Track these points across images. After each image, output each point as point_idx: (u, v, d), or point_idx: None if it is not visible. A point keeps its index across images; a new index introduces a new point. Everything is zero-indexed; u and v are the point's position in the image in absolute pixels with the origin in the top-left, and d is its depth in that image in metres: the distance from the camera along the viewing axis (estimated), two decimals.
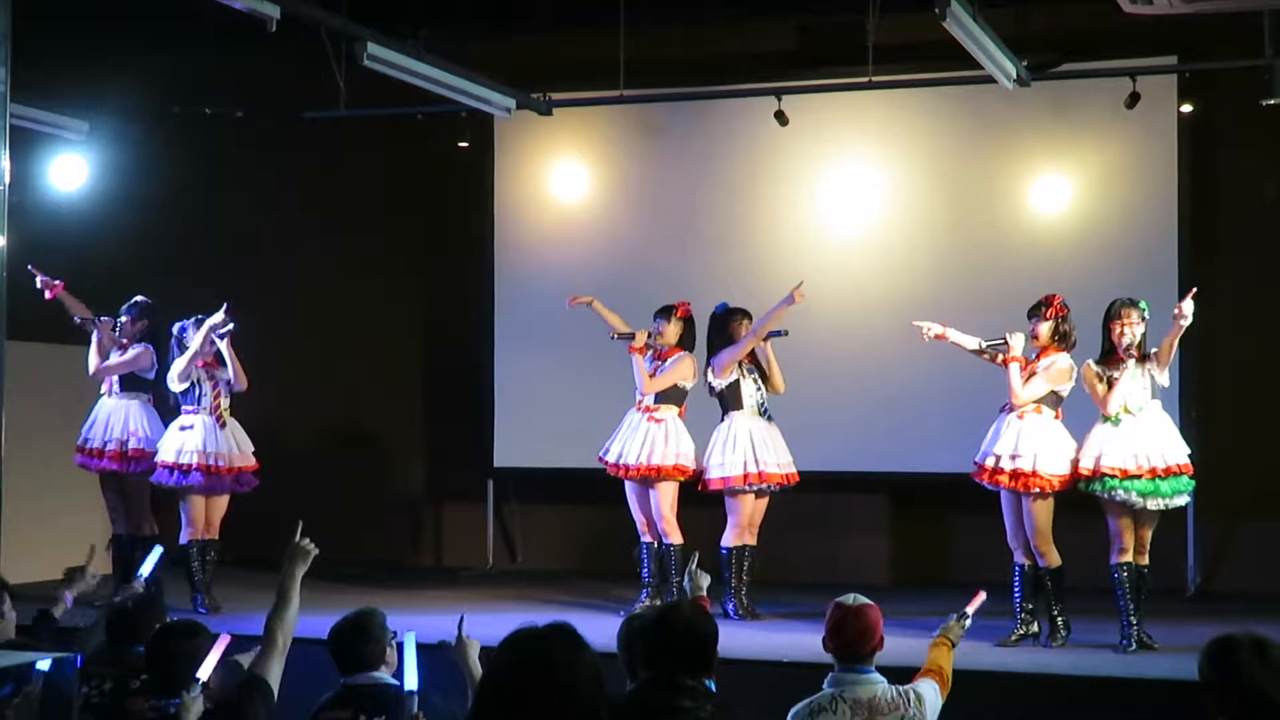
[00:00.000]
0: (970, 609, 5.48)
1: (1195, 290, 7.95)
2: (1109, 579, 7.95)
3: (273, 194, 12.17)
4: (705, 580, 5.64)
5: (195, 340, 9.24)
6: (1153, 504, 7.87)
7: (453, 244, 11.89)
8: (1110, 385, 7.89)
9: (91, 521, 10.87)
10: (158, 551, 7.15)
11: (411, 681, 4.47)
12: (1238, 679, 4.00)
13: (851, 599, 4.86)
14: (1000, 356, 8.22)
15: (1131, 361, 7.85)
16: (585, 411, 10.54)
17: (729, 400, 9.08)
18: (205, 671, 4.74)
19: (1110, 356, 7.95)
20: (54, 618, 6.44)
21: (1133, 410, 7.89)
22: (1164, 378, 7.95)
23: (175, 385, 9.36)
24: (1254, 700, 3.97)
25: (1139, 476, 7.79)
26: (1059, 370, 8.07)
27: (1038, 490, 7.96)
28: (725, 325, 9.11)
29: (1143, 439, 7.85)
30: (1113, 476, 7.79)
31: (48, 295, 9.59)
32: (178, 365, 9.31)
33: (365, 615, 5.18)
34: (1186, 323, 7.75)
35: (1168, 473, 7.84)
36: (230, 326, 9.33)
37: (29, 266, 9.48)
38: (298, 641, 5.08)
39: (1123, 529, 7.91)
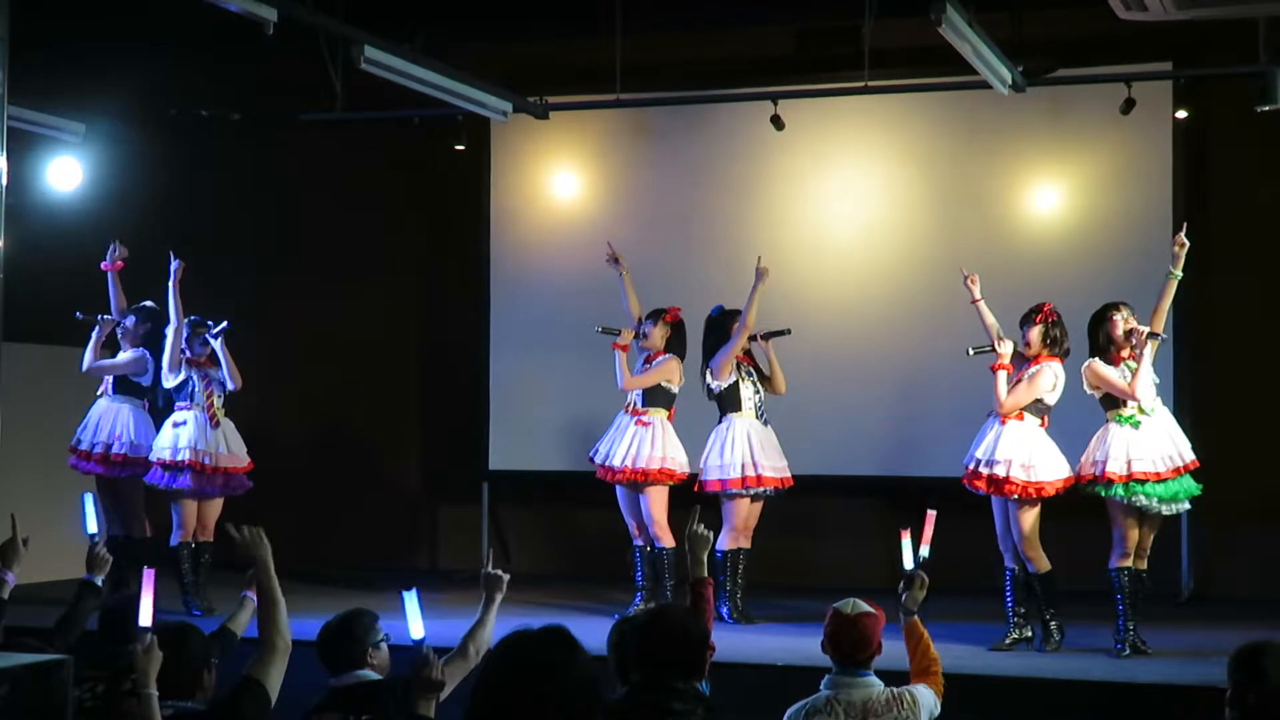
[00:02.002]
0: (924, 546, 5.29)
1: (1186, 225, 8.13)
2: (1105, 582, 7.96)
3: (269, 196, 12.17)
4: (704, 546, 5.22)
5: (170, 308, 9.27)
6: (1168, 510, 7.89)
7: (449, 247, 11.90)
8: (1131, 374, 7.87)
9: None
10: (88, 500, 7.00)
11: (418, 631, 4.52)
12: (1260, 680, 4.06)
13: (850, 606, 4.86)
14: (992, 362, 8.22)
15: (1148, 348, 7.85)
16: (580, 415, 10.55)
17: (728, 402, 9.09)
18: (146, 617, 4.71)
19: (1109, 353, 7.95)
20: (2, 600, 6.33)
21: (1147, 410, 7.90)
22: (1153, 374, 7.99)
23: (169, 380, 9.38)
24: (1271, 702, 4.01)
25: (1167, 479, 7.80)
26: (1041, 379, 8.07)
27: (1016, 496, 7.97)
28: (721, 328, 9.12)
29: (1165, 438, 7.88)
30: (1141, 481, 7.79)
31: (108, 265, 9.66)
32: (166, 354, 9.34)
33: (351, 616, 5.19)
34: (1184, 251, 7.96)
35: (1187, 469, 7.87)
36: (225, 325, 9.34)
37: (117, 241, 9.52)
38: (295, 644, 5.07)
39: (1128, 533, 7.91)
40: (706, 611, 4.96)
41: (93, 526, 6.83)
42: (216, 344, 9.32)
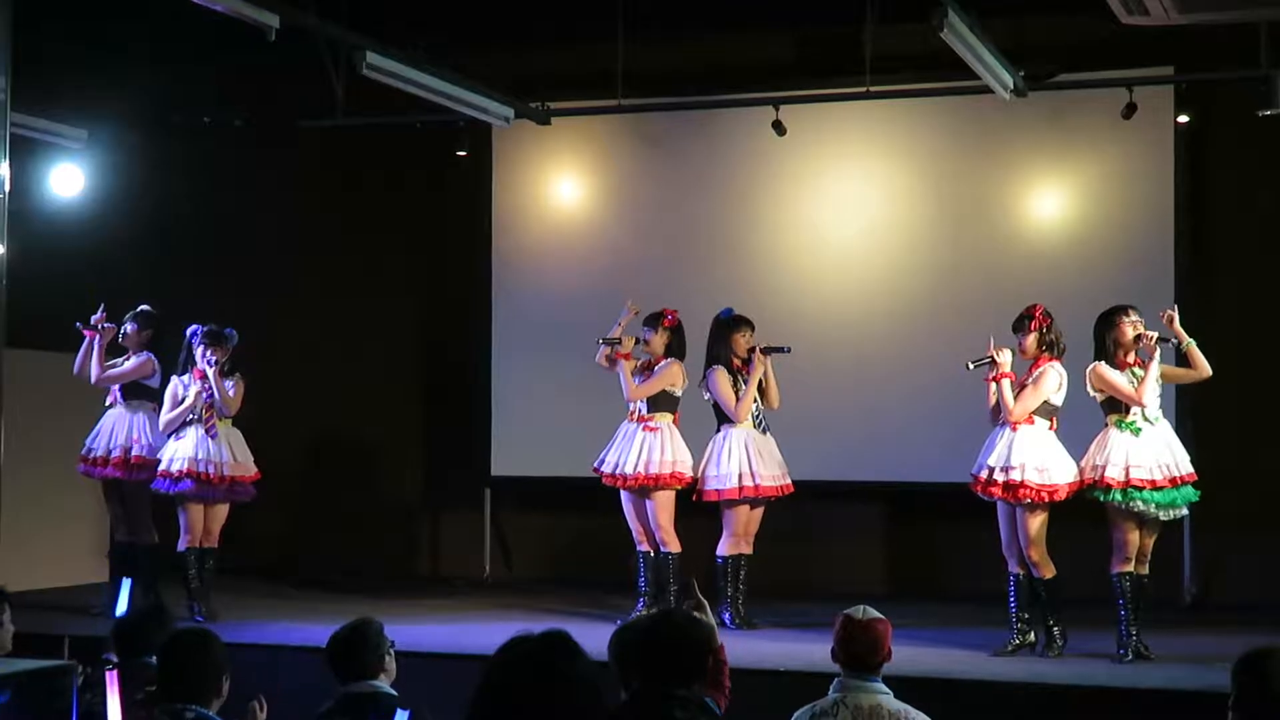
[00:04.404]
0: None
1: (1175, 309, 8.08)
2: (1108, 588, 7.95)
3: (270, 202, 12.17)
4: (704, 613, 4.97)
5: (186, 400, 9.28)
6: (1165, 515, 7.88)
7: (450, 253, 11.90)
8: (1138, 381, 7.86)
9: (90, 530, 10.90)
10: (126, 586, 6.82)
11: None
12: (1263, 685, 4.07)
13: (861, 612, 4.88)
14: (992, 373, 8.18)
15: (1158, 353, 7.84)
16: (582, 420, 10.53)
17: (724, 413, 9.09)
18: (116, 717, 4.68)
19: (1115, 357, 7.93)
20: None
21: (1151, 419, 7.89)
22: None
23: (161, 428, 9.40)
24: (1274, 708, 4.03)
25: (1163, 487, 7.80)
26: (1046, 381, 8.05)
27: (1029, 501, 7.95)
28: (727, 334, 9.08)
29: (1164, 448, 7.87)
30: (1138, 488, 7.78)
31: (90, 332, 9.45)
32: (164, 416, 9.35)
33: (363, 624, 5.19)
34: (1175, 324, 7.91)
35: (1184, 480, 7.86)
36: (215, 360, 9.26)
37: (102, 306, 9.48)
38: (296, 650, 5.08)
39: (1129, 538, 7.90)
40: (723, 672, 4.88)
41: (121, 608, 6.67)
42: (210, 372, 9.27)
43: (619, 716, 4.20)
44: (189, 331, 9.41)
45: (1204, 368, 8.01)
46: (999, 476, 8.01)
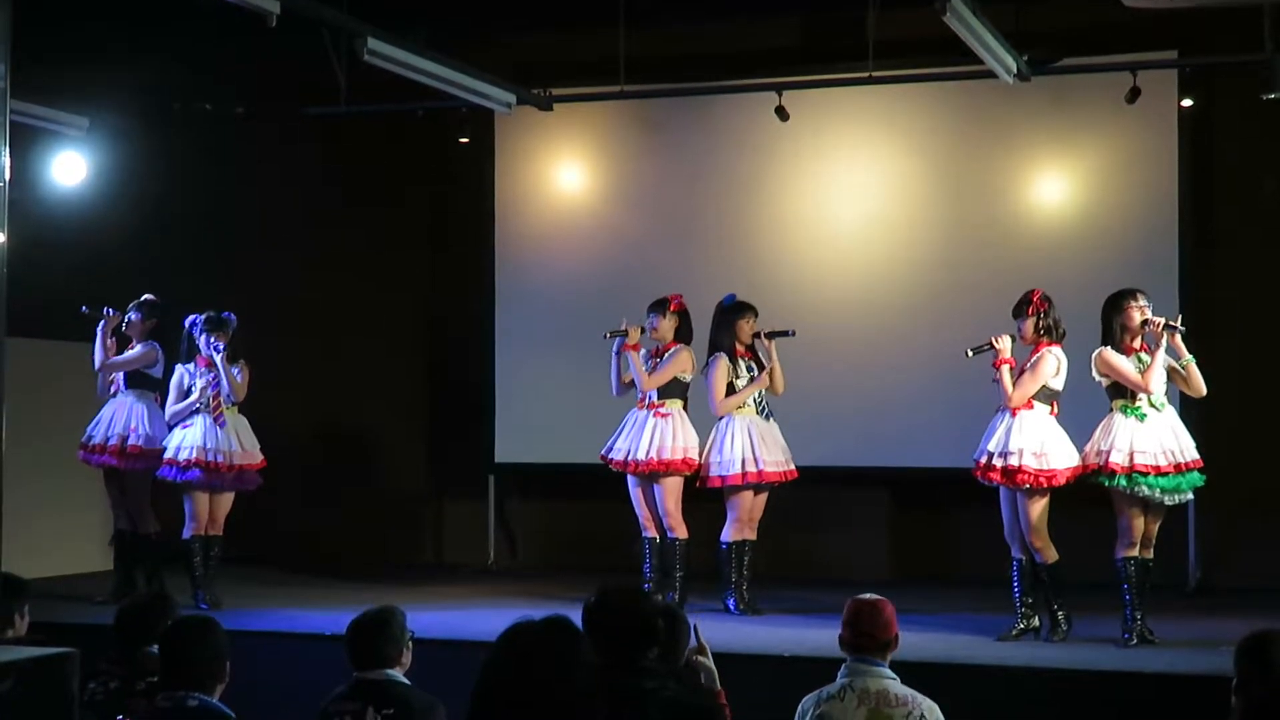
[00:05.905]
0: None
1: (1180, 318, 8.00)
2: (1112, 572, 7.94)
3: (273, 190, 12.16)
4: (706, 658, 4.84)
5: (193, 393, 9.31)
6: (1170, 500, 7.87)
7: (453, 240, 11.90)
8: (1145, 365, 7.83)
9: (93, 518, 10.90)
10: None
11: None
12: (1266, 669, 4.06)
13: (869, 597, 4.94)
14: (993, 360, 8.15)
15: (1164, 340, 7.82)
16: (587, 407, 10.53)
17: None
18: None
19: (1122, 342, 7.90)
20: None
21: (1157, 405, 7.87)
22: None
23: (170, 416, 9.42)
24: (1277, 691, 4.02)
25: (1167, 473, 7.79)
26: (1044, 365, 8.03)
27: (1028, 486, 7.94)
28: (731, 321, 9.08)
29: (1170, 434, 7.85)
30: (1143, 473, 7.76)
31: (102, 313, 9.58)
32: (171, 407, 9.38)
33: (387, 613, 5.16)
34: (1174, 332, 7.82)
35: (1189, 467, 7.85)
36: (222, 346, 9.26)
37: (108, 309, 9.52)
38: (306, 638, 5.06)
39: (1133, 524, 7.89)
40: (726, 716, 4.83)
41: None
42: (218, 359, 9.26)
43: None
44: (188, 321, 9.41)
45: (1199, 387, 7.97)
46: (998, 462, 8.01)
